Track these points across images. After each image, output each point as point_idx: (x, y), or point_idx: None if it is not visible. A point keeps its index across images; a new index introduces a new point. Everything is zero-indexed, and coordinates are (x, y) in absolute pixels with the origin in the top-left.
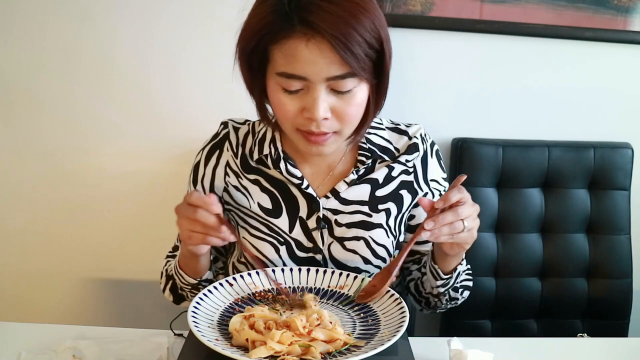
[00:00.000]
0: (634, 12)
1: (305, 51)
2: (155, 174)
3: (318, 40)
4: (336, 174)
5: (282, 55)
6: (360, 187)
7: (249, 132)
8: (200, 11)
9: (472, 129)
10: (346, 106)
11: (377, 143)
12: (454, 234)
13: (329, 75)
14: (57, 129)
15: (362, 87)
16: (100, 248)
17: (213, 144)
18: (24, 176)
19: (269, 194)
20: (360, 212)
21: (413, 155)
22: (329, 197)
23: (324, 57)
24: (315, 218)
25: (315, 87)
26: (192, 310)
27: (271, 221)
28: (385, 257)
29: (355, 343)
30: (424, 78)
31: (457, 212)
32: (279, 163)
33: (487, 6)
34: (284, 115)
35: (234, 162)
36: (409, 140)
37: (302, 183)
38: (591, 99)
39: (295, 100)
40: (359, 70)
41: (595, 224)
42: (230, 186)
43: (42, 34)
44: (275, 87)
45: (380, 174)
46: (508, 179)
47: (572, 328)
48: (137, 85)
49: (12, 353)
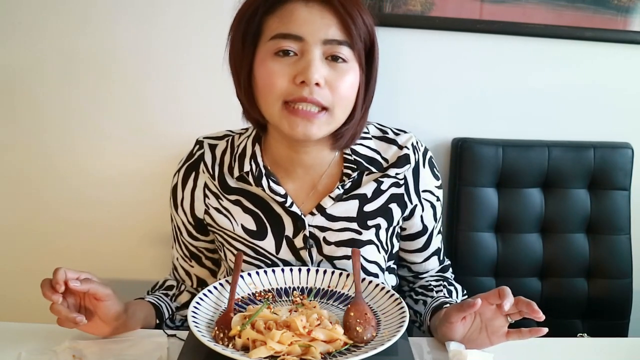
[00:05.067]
0: (634, 12)
1: (304, 10)
2: (156, 175)
3: (320, 1)
4: (320, 189)
5: (278, 20)
6: (347, 203)
7: (226, 149)
8: (199, 14)
9: (472, 129)
10: (339, 78)
11: (363, 154)
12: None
13: (327, 37)
14: (56, 130)
15: (355, 67)
16: (100, 248)
17: (188, 165)
18: (24, 176)
19: (252, 215)
20: (349, 229)
21: (403, 168)
22: (315, 213)
23: (323, 18)
24: (302, 236)
25: (310, 49)
26: (192, 310)
27: (256, 244)
28: (377, 272)
29: (355, 343)
30: (424, 78)
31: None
32: (261, 180)
33: (487, 6)
34: (273, 85)
35: (212, 183)
36: (399, 150)
37: (285, 201)
38: (591, 99)
39: (287, 67)
40: (356, 38)
41: (595, 224)
42: (211, 208)
43: (42, 35)
44: (266, 56)
45: (368, 188)
46: (508, 179)
47: (572, 328)
48: (136, 87)
49: (12, 353)
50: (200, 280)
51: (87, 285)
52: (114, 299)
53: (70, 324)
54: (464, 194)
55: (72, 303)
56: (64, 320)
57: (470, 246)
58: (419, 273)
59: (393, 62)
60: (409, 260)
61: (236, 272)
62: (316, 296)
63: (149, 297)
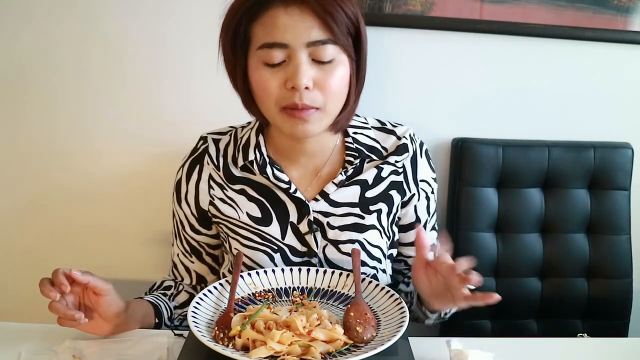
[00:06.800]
0: (634, 12)
1: (284, 17)
2: (161, 175)
3: (298, 4)
4: (323, 175)
5: (262, 28)
6: (349, 189)
7: (229, 142)
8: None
9: (472, 129)
10: (328, 77)
11: (364, 142)
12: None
13: (309, 40)
14: (62, 129)
15: (343, 60)
16: (100, 248)
17: (192, 159)
18: (26, 175)
19: (257, 203)
20: (351, 214)
21: (403, 156)
22: (318, 199)
23: (303, 22)
24: (306, 222)
25: (296, 54)
26: (192, 310)
27: (262, 230)
28: (380, 257)
29: (355, 343)
30: (424, 78)
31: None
32: (265, 168)
33: (487, 6)
34: (267, 92)
35: (216, 174)
36: (398, 140)
37: (289, 187)
38: (591, 99)
39: (278, 73)
40: (339, 34)
41: (595, 224)
42: (216, 199)
43: (49, 35)
44: (257, 65)
45: (369, 174)
46: (508, 179)
47: (572, 328)
48: (144, 86)
49: (12, 353)
50: (199, 276)
51: (87, 277)
52: (114, 295)
53: (70, 323)
54: (464, 194)
55: (72, 302)
56: (64, 320)
57: (470, 246)
58: None
59: (393, 62)
60: (404, 254)
61: (236, 272)
62: (316, 296)
63: (147, 297)
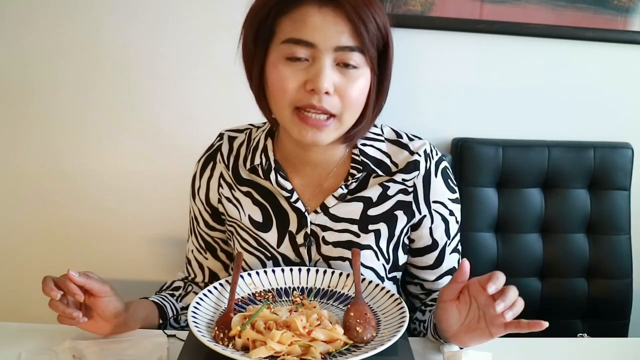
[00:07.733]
0: (634, 12)
1: (317, 16)
2: (158, 176)
3: (333, 7)
4: (326, 187)
5: (291, 23)
6: (352, 205)
7: (244, 141)
8: (208, 16)
9: (472, 129)
10: (349, 85)
11: (371, 155)
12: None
13: (338, 44)
14: (59, 130)
15: (366, 72)
16: (100, 248)
17: (208, 155)
18: (25, 176)
19: (261, 207)
20: (348, 231)
21: (411, 175)
22: (319, 212)
23: (335, 25)
24: (303, 233)
25: (321, 56)
26: (192, 311)
27: (260, 235)
28: (374, 280)
29: (355, 343)
30: (424, 78)
31: (512, 293)
32: (270, 174)
33: (487, 6)
34: (283, 90)
35: (227, 174)
36: (410, 155)
37: (291, 196)
38: (591, 99)
39: (298, 72)
40: (368, 44)
41: (595, 224)
42: (224, 198)
43: (51, 39)
44: (277, 60)
45: (374, 191)
46: (508, 179)
47: (572, 328)
48: (144, 88)
49: (12, 353)
50: (212, 273)
51: (83, 279)
52: (112, 296)
53: (69, 321)
54: (464, 194)
55: (72, 301)
56: (63, 318)
57: (470, 246)
58: (432, 291)
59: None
60: (420, 278)
61: (236, 272)
62: (316, 296)
63: (153, 297)
